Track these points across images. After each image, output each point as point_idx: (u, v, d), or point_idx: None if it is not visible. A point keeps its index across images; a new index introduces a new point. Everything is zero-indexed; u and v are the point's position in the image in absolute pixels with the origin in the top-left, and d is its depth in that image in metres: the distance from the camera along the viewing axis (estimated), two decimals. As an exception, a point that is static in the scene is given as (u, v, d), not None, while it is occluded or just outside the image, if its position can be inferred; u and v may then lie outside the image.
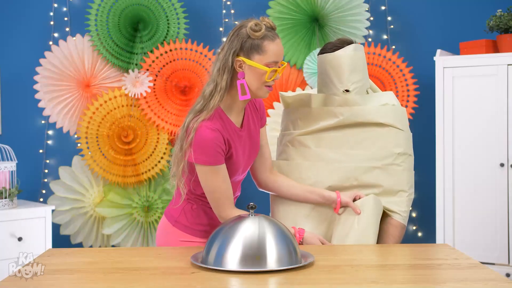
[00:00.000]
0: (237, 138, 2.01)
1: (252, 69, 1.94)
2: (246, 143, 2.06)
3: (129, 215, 3.88)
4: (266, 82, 1.94)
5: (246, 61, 1.93)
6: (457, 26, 4.06)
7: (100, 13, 3.80)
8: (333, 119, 2.17)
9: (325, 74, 2.19)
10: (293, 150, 2.22)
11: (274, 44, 1.93)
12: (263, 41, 1.93)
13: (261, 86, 1.95)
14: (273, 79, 1.95)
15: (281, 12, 3.87)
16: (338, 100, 2.16)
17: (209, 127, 1.91)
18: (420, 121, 3.93)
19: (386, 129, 2.14)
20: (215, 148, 1.91)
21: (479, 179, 3.54)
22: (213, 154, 1.92)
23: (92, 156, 3.81)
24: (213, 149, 1.91)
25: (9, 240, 3.34)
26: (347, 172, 2.14)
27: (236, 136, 2.01)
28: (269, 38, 1.93)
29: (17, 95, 3.89)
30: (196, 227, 2.08)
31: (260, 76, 1.93)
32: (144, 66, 3.83)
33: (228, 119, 1.99)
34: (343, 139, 2.17)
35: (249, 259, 1.60)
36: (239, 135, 2.02)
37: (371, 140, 2.15)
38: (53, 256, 1.83)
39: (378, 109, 2.15)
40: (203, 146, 1.91)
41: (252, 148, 2.09)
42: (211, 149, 1.91)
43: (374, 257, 1.82)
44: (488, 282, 1.52)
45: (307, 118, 2.22)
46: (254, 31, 1.92)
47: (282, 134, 2.28)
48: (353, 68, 2.15)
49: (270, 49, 1.92)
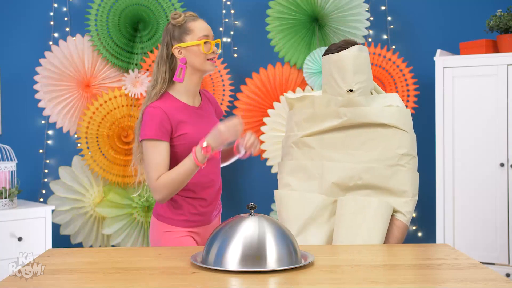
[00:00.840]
0: (194, 115, 2.20)
1: (189, 50, 2.17)
2: (209, 121, 2.23)
3: (129, 215, 3.88)
4: (206, 55, 2.16)
5: (182, 45, 2.17)
6: (457, 26, 4.06)
7: (100, 13, 3.80)
8: (337, 120, 2.17)
9: (330, 75, 2.21)
10: (298, 151, 2.24)
11: (197, 23, 2.19)
12: (187, 24, 2.19)
13: (203, 61, 2.17)
14: (211, 51, 2.17)
15: (281, 12, 3.87)
16: (342, 101, 2.17)
17: (151, 106, 2.13)
18: (420, 121, 3.93)
19: (390, 130, 2.15)
20: (156, 121, 2.09)
21: (479, 179, 3.54)
22: (154, 127, 2.09)
23: (92, 156, 3.81)
24: (154, 123, 2.09)
25: (9, 240, 3.34)
26: (351, 171, 2.15)
27: (192, 113, 2.20)
28: (191, 20, 2.20)
29: (17, 95, 3.89)
30: (177, 217, 2.19)
31: (198, 52, 2.16)
32: (144, 66, 3.83)
33: (178, 100, 2.19)
34: (347, 140, 2.18)
35: (249, 259, 1.60)
36: (198, 113, 2.22)
37: (375, 141, 2.15)
38: (53, 256, 1.83)
39: (382, 110, 2.15)
40: (146, 121, 2.11)
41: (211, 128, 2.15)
42: (152, 123, 2.09)
43: (374, 257, 1.82)
44: (488, 282, 1.52)
45: (311, 120, 2.23)
46: (174, 18, 2.19)
47: (287, 135, 2.29)
48: (358, 69, 2.16)
49: (195, 27, 2.18)
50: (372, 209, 2.08)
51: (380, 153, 2.14)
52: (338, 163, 2.17)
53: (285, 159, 2.28)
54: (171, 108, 2.14)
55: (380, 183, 2.13)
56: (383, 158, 2.14)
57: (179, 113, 2.15)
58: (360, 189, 2.15)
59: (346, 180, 2.15)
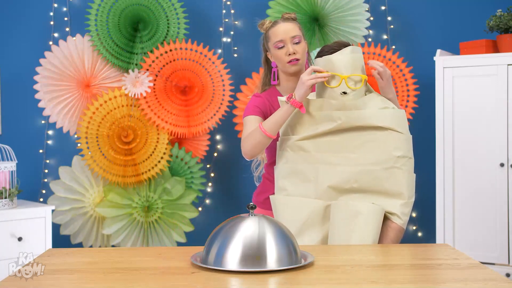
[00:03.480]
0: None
1: (273, 56, 2.36)
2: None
3: (129, 215, 3.88)
4: (283, 59, 2.31)
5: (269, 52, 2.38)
6: (457, 26, 4.06)
7: (100, 13, 3.80)
8: (331, 124, 2.16)
9: None
10: (293, 155, 2.22)
11: (274, 28, 2.34)
12: (269, 31, 2.36)
13: (283, 64, 2.32)
14: (289, 53, 2.29)
15: (281, 12, 3.87)
16: (336, 105, 2.15)
17: (255, 94, 2.40)
18: (420, 121, 3.93)
19: (386, 133, 2.14)
20: (254, 104, 2.34)
21: (479, 179, 3.54)
22: (251, 108, 2.33)
23: (92, 156, 3.81)
24: (252, 105, 2.34)
25: (9, 240, 3.34)
26: (347, 174, 2.14)
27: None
28: (272, 26, 2.36)
29: (17, 95, 3.89)
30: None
31: (277, 57, 2.33)
32: (144, 66, 3.83)
33: (278, 93, 2.39)
34: (343, 143, 2.17)
35: (249, 259, 1.60)
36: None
37: (371, 144, 2.14)
38: (53, 256, 1.83)
39: (377, 112, 2.14)
40: (247, 105, 2.37)
41: None
42: (250, 104, 2.34)
43: (374, 257, 1.82)
44: (488, 282, 1.52)
45: (305, 123, 2.21)
46: (260, 27, 2.40)
47: (282, 139, 2.27)
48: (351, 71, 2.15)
49: (272, 33, 2.34)
50: (363, 214, 2.08)
51: (376, 156, 2.13)
52: (333, 167, 2.16)
53: (280, 162, 2.27)
54: (271, 100, 2.36)
55: (376, 186, 2.13)
56: (379, 161, 2.13)
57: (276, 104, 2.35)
58: (356, 192, 2.14)
59: (342, 183, 2.14)
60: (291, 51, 2.29)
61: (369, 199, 2.13)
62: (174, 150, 3.92)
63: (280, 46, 2.30)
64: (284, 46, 2.30)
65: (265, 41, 2.39)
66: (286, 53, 2.30)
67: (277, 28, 2.32)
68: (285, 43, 2.30)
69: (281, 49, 2.30)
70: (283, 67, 2.34)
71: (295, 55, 2.30)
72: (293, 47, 2.30)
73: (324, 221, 2.16)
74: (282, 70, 2.37)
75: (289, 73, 2.34)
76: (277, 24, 2.33)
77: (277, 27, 2.33)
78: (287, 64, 2.31)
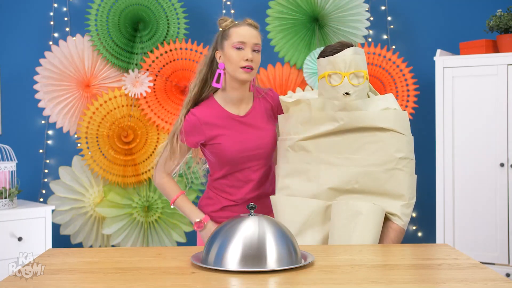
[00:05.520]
0: (234, 125, 2.25)
1: (225, 55, 2.19)
2: (253, 131, 2.27)
3: (129, 215, 3.88)
4: (238, 62, 2.16)
5: (221, 51, 2.20)
6: (457, 26, 4.06)
7: (100, 13, 3.80)
8: (333, 124, 2.15)
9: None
10: (294, 155, 2.21)
11: (238, 28, 2.18)
12: (230, 29, 2.19)
13: (236, 69, 2.17)
14: (244, 59, 2.15)
15: (281, 12, 3.87)
16: (338, 105, 2.15)
17: (191, 113, 2.23)
18: (420, 121, 3.93)
19: (387, 134, 2.13)
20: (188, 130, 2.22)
21: (479, 179, 3.54)
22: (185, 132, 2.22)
23: (92, 156, 3.81)
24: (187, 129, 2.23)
25: (9, 240, 3.34)
26: (348, 175, 2.13)
27: (232, 123, 2.25)
28: (235, 26, 2.20)
29: (17, 95, 3.89)
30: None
31: (231, 58, 2.17)
32: (144, 66, 3.83)
33: (221, 108, 2.24)
34: (344, 144, 2.16)
35: (249, 259, 1.60)
36: (240, 123, 2.26)
37: (373, 145, 2.14)
38: (53, 256, 1.83)
39: (379, 113, 2.13)
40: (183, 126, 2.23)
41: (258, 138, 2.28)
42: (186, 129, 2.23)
43: (374, 257, 1.82)
44: (488, 282, 1.52)
45: (307, 123, 2.20)
46: (220, 23, 2.21)
47: (283, 139, 2.27)
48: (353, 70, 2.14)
49: (234, 32, 2.17)
50: (364, 214, 2.08)
51: (378, 157, 2.13)
52: (334, 167, 2.15)
53: (281, 162, 2.27)
54: (210, 116, 2.23)
55: (377, 187, 2.12)
56: (380, 162, 2.12)
57: (218, 122, 2.23)
58: (356, 193, 2.14)
59: (342, 184, 2.14)
60: (250, 57, 2.16)
61: (370, 200, 2.12)
62: (174, 150, 3.92)
63: (239, 47, 2.16)
64: (243, 50, 2.16)
65: (221, 38, 2.21)
66: (243, 58, 2.16)
67: (241, 29, 2.18)
68: (245, 46, 2.16)
69: (239, 51, 2.16)
70: (234, 71, 2.18)
71: (251, 63, 2.17)
72: (252, 54, 2.17)
73: (324, 221, 2.16)
74: (230, 75, 2.21)
75: (237, 79, 2.20)
76: (242, 26, 2.19)
77: (242, 28, 2.19)
78: (240, 69, 2.17)
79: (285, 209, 2.18)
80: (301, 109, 2.23)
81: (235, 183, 2.32)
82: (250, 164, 2.29)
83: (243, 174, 2.30)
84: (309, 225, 2.15)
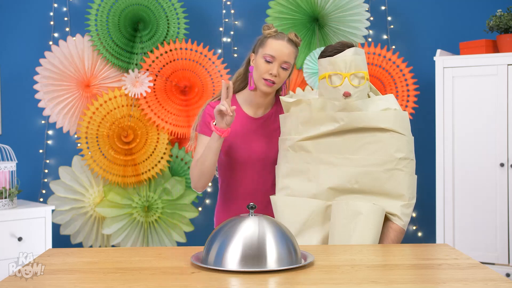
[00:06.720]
0: (249, 126, 2.31)
1: (256, 61, 2.25)
2: (267, 134, 2.32)
3: (129, 215, 3.88)
4: (262, 74, 2.21)
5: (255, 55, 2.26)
6: (457, 26, 4.06)
7: (100, 13, 3.80)
8: (334, 125, 2.15)
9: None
10: (294, 155, 2.22)
11: (275, 41, 2.22)
12: (268, 38, 2.24)
13: (259, 78, 2.23)
14: (269, 72, 2.20)
15: (281, 12, 3.87)
16: (338, 106, 2.15)
17: (210, 104, 2.29)
18: (420, 121, 3.93)
19: (388, 134, 2.13)
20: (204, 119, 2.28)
21: (479, 179, 3.54)
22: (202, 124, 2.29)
23: (92, 156, 3.81)
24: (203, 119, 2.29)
25: (9, 240, 3.34)
26: (348, 175, 2.13)
27: (248, 124, 2.31)
28: (274, 37, 2.24)
29: (17, 95, 3.89)
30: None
31: (258, 67, 2.23)
32: (144, 66, 3.83)
33: (239, 108, 2.31)
34: (344, 144, 2.16)
35: (249, 259, 1.60)
36: (256, 124, 2.32)
37: (373, 145, 2.14)
38: (53, 256, 1.83)
39: (379, 114, 2.13)
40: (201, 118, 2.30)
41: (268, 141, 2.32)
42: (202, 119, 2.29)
43: (374, 257, 1.82)
44: (488, 282, 1.52)
45: (307, 123, 2.20)
46: (264, 29, 2.26)
47: (283, 138, 2.27)
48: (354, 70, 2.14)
49: (270, 43, 2.22)
50: (364, 214, 2.08)
51: (378, 158, 2.13)
52: (334, 167, 2.15)
53: (281, 162, 2.27)
54: None
55: (377, 187, 2.12)
56: (380, 163, 2.12)
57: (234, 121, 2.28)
58: (356, 193, 2.14)
59: (342, 184, 2.14)
60: (275, 73, 2.21)
61: (369, 200, 2.13)
62: (174, 150, 3.92)
63: (268, 60, 2.21)
64: (271, 63, 2.21)
65: (259, 44, 2.28)
66: (269, 71, 2.21)
67: (277, 43, 2.22)
68: (274, 61, 2.21)
69: (267, 64, 2.21)
70: (257, 79, 2.25)
71: (275, 78, 2.22)
72: (278, 70, 2.22)
73: (324, 221, 2.16)
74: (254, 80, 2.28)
75: (258, 88, 2.27)
76: (280, 40, 2.23)
77: (278, 42, 2.22)
78: (263, 79, 2.23)
79: (285, 209, 2.18)
80: (301, 109, 2.23)
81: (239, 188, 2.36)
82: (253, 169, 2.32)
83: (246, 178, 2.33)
84: (309, 225, 2.15)
